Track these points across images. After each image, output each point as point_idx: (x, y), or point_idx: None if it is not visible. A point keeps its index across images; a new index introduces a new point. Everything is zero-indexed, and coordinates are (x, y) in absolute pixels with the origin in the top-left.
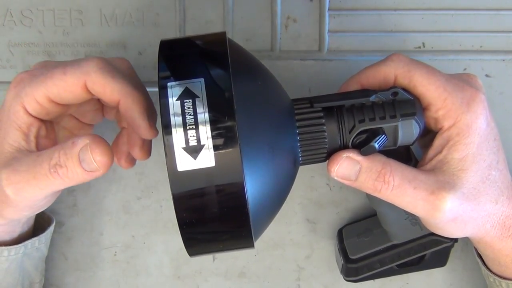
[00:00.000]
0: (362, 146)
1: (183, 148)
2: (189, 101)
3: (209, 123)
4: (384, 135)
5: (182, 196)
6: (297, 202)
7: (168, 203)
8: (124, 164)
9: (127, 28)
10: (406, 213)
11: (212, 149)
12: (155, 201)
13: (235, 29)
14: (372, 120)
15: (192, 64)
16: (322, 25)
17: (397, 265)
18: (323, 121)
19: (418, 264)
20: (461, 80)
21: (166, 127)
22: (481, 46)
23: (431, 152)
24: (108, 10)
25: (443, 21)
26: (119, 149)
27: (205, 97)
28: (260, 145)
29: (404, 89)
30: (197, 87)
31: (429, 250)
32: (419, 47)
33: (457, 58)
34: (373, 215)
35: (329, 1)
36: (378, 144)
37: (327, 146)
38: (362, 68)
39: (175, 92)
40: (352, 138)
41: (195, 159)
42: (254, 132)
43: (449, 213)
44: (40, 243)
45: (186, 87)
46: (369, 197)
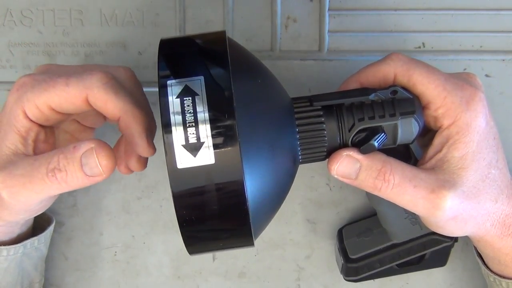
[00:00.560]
0: (362, 145)
1: (183, 146)
2: (189, 99)
3: (209, 121)
4: (384, 134)
5: (182, 194)
6: (297, 202)
7: (168, 203)
8: (124, 170)
9: (127, 28)
10: (406, 212)
11: (212, 147)
12: (155, 201)
13: (235, 29)
14: (372, 119)
15: (192, 63)
16: (322, 25)
17: (397, 265)
18: (323, 120)
19: (418, 264)
20: (461, 79)
21: (166, 126)
22: (481, 46)
23: (431, 151)
24: (108, 10)
25: (443, 21)
26: (120, 155)
27: (205, 95)
28: (260, 143)
29: (404, 88)
30: (197, 85)
31: (429, 250)
32: (419, 47)
33: (457, 58)
34: (373, 215)
35: (329, 1)
36: (378, 143)
37: (327, 145)
38: (362, 67)
39: (175, 90)
40: (352, 137)
41: (195, 157)
42: (254, 130)
43: (450, 212)
44: (40, 243)
45: (186, 85)
46: (369, 196)
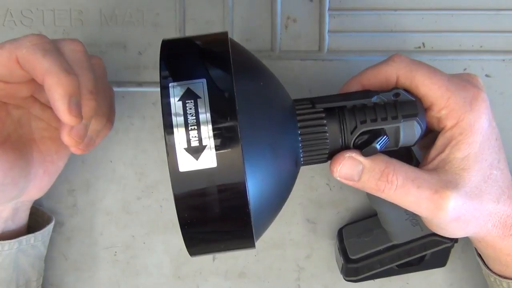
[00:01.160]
0: (364, 147)
1: (185, 149)
2: (191, 102)
3: (211, 124)
4: (386, 136)
5: (184, 197)
6: (297, 202)
7: (168, 203)
8: (73, 148)
9: (127, 28)
10: (407, 213)
11: (214, 150)
12: (155, 201)
13: (235, 29)
14: (374, 121)
15: (194, 65)
16: (322, 25)
17: (397, 265)
18: (325, 122)
19: (418, 264)
20: (463, 80)
21: (168, 127)
22: (481, 46)
23: (434, 152)
24: (108, 10)
25: (443, 21)
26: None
27: (207, 98)
28: (262, 146)
29: (406, 90)
30: (199, 88)
31: (430, 251)
32: (419, 47)
33: (457, 58)
34: (374, 215)
35: (329, 1)
36: (380, 145)
37: (329, 147)
38: (364, 69)
39: (177, 93)
40: (354, 139)
41: (197, 160)
42: (256, 133)
43: (452, 212)
44: (36, 241)
45: (188, 88)
46: (370, 197)
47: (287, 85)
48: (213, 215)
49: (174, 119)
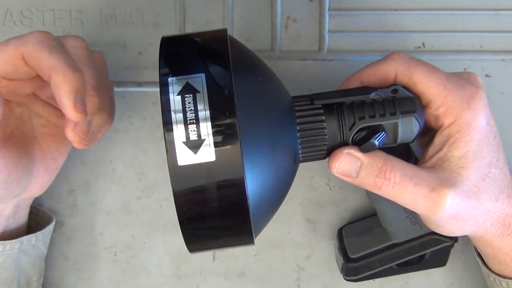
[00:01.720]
0: (362, 143)
1: (184, 143)
2: (190, 96)
3: (210, 118)
4: (384, 132)
5: (183, 191)
6: (297, 202)
7: (168, 203)
8: (75, 144)
9: (127, 28)
10: (406, 212)
11: (213, 144)
12: (155, 201)
13: (235, 29)
14: (372, 117)
15: (193, 60)
16: (322, 25)
17: (397, 265)
18: (323, 118)
19: (418, 264)
20: (461, 78)
21: (167, 123)
22: (481, 46)
23: (431, 150)
24: (108, 10)
25: (443, 21)
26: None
27: (206, 92)
28: (261, 141)
29: (404, 87)
30: (198, 82)
31: (429, 250)
32: (419, 47)
33: (457, 58)
34: (373, 215)
35: (329, 1)
36: (378, 141)
37: (327, 143)
38: (363, 66)
39: (176, 87)
40: (352, 135)
41: (196, 154)
42: (255, 128)
43: (450, 210)
44: (37, 240)
45: (187, 82)
46: (369, 195)
47: (287, 85)
48: (212, 210)
49: (173, 115)
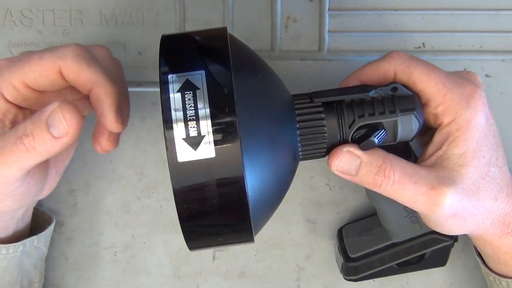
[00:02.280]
0: (362, 141)
1: (184, 139)
2: (190, 93)
3: (210, 115)
4: (384, 130)
5: (182, 187)
6: (297, 202)
7: (168, 203)
8: (97, 148)
9: (127, 28)
10: (406, 211)
11: (213, 141)
12: (155, 201)
13: (235, 29)
14: (372, 115)
15: (193, 58)
16: (322, 25)
17: (397, 264)
18: (323, 116)
19: (418, 263)
20: (461, 77)
21: (167, 120)
22: (481, 46)
23: (431, 148)
24: (108, 10)
25: (443, 21)
26: (95, 136)
27: (206, 89)
28: (260, 138)
29: (404, 85)
30: (198, 79)
31: (429, 249)
32: (419, 47)
33: (457, 58)
34: (373, 214)
35: (329, 1)
36: (378, 139)
37: (327, 141)
38: (362, 65)
39: (176, 84)
40: (352, 133)
41: (196, 150)
42: (254, 125)
43: (449, 209)
44: (39, 242)
45: (187, 79)
46: (369, 194)
47: (287, 85)
48: (212, 207)
49: (173, 112)
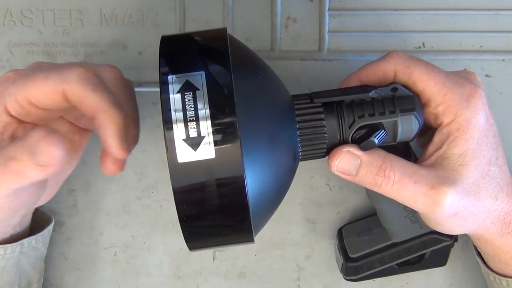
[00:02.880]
0: (362, 141)
1: (184, 140)
2: (190, 94)
3: (210, 116)
4: (384, 131)
5: (182, 188)
6: (297, 202)
7: (168, 203)
8: (104, 170)
9: (127, 28)
10: (406, 211)
11: (213, 142)
12: (155, 201)
13: (235, 29)
14: (372, 116)
15: (193, 58)
16: (322, 25)
17: (397, 264)
18: (323, 116)
19: (418, 263)
20: (460, 77)
21: (167, 121)
22: (481, 46)
23: (431, 148)
24: (108, 10)
25: (443, 21)
26: (101, 159)
27: (206, 90)
28: (260, 139)
29: (404, 85)
30: (198, 80)
31: (429, 249)
32: (419, 47)
33: (457, 58)
34: (373, 214)
35: (329, 1)
36: (378, 139)
37: (327, 141)
38: (362, 65)
39: (176, 85)
40: (352, 133)
41: (195, 151)
42: (254, 126)
43: (449, 208)
44: (38, 242)
45: (187, 80)
46: (369, 194)
47: (287, 85)
48: (212, 207)
49: (173, 113)
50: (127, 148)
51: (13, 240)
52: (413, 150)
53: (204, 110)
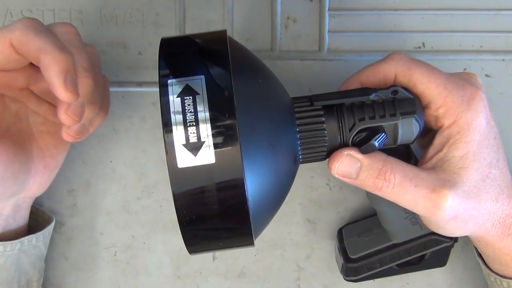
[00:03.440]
0: (362, 145)
1: (183, 145)
2: (190, 98)
3: (210, 120)
4: (384, 134)
5: (182, 193)
6: (297, 202)
7: (168, 203)
8: (64, 135)
9: (127, 28)
10: (406, 212)
11: (213, 146)
12: (155, 201)
13: (235, 29)
14: (372, 119)
15: (193, 62)
16: (322, 25)
17: (397, 265)
18: (323, 119)
19: (418, 264)
20: (461, 79)
21: (167, 125)
22: (481, 46)
23: (432, 151)
24: (108, 10)
25: (443, 21)
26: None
27: (206, 94)
28: (260, 143)
29: (404, 88)
30: (198, 84)
31: (429, 250)
32: (419, 47)
33: (457, 58)
34: (373, 215)
35: (329, 1)
36: (378, 142)
37: (327, 144)
38: (362, 67)
39: (176, 89)
40: (352, 136)
41: (195, 156)
42: (254, 129)
43: (450, 211)
44: (38, 241)
45: (187, 84)
46: (369, 196)
47: (287, 85)
48: (212, 212)
49: (173, 117)
50: (74, 91)
51: (12, 238)
52: (414, 152)
53: (204, 115)
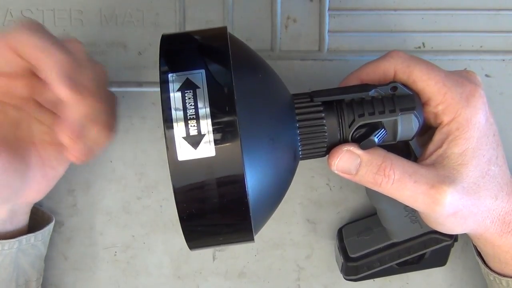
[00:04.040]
0: (362, 140)
1: (184, 138)
2: (190, 92)
3: (210, 114)
4: (384, 129)
5: (182, 186)
6: (297, 202)
7: (168, 203)
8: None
9: (127, 28)
10: (406, 210)
11: (213, 140)
12: (155, 201)
13: (235, 29)
14: (372, 115)
15: (193, 57)
16: (322, 25)
17: (397, 264)
18: (323, 115)
19: (418, 263)
20: (460, 76)
21: (167, 120)
22: (481, 46)
23: (431, 147)
24: (108, 10)
25: (443, 21)
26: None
27: (206, 88)
28: (260, 137)
29: (404, 84)
30: (198, 78)
31: (429, 249)
32: (419, 47)
33: (457, 58)
34: (373, 214)
35: (329, 1)
36: (378, 138)
37: (327, 140)
38: (362, 64)
39: (176, 84)
40: (352, 132)
41: (196, 149)
42: (254, 124)
43: (449, 207)
44: (37, 240)
45: (187, 78)
46: (369, 194)
47: (287, 85)
48: (212, 206)
49: (174, 111)
50: (77, 90)
51: (11, 237)
52: (413, 149)
53: (205, 109)
